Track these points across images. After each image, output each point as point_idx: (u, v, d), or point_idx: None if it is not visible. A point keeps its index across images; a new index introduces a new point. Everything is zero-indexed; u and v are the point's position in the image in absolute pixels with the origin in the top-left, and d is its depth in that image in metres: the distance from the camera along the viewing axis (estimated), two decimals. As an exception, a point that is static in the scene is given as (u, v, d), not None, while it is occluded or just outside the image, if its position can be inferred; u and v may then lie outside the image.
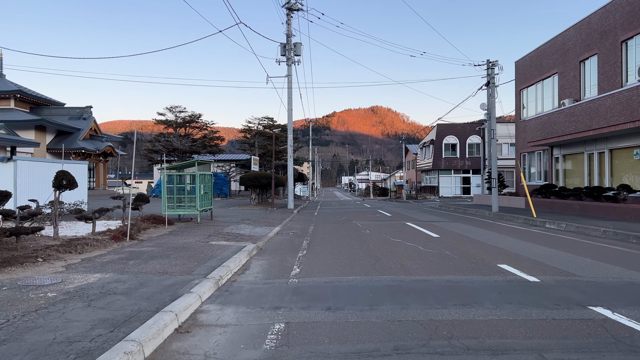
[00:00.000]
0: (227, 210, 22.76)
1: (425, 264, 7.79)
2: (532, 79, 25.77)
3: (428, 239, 11.38)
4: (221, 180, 43.63)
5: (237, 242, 10.29)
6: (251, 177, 25.89)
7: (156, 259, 7.76)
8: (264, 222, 15.90)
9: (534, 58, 25.69)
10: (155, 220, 13.66)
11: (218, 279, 6.40)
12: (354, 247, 10.11)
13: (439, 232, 13.15)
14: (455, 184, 45.06)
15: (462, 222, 16.94)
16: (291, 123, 25.75)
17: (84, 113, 47.59)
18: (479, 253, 9.04)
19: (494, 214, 20.10)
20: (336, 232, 13.49)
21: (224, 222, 15.26)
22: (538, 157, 25.52)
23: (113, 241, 9.79)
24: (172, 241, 10.22)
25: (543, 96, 24.82)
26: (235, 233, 12.29)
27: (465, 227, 14.83)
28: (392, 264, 7.89)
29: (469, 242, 10.90)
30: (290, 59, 25.63)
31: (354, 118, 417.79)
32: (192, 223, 14.57)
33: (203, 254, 8.47)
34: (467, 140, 44.41)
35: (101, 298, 5.18)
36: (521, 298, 5.48)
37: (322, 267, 7.62)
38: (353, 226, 15.25)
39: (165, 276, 6.43)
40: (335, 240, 11.32)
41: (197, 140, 41.71)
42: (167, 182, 14.45)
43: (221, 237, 11.31)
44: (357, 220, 17.64)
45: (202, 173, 14.79)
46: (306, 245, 10.46)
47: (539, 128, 22.09)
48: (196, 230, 12.67)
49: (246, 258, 8.53)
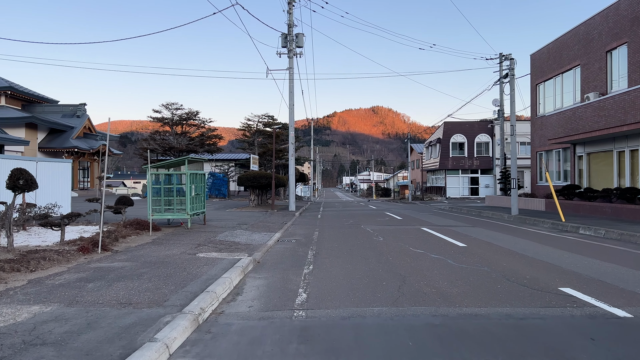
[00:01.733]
0: (224, 212, 21.10)
1: (466, 287, 6.13)
2: (550, 73, 24.09)
3: (454, 250, 9.72)
4: (219, 180, 41.98)
5: (231, 254, 8.63)
6: (250, 177, 24.24)
7: (124, 280, 6.11)
8: (263, 227, 14.25)
9: (552, 50, 24.02)
10: (139, 226, 12.01)
11: (198, 313, 4.74)
12: (369, 260, 8.45)
13: (463, 239, 11.48)
14: (463, 185, 43.33)
15: (482, 226, 15.29)
16: (292, 119, 24.09)
17: (77, 111, 45.94)
18: (525, 270, 7.38)
19: (514, 217, 18.43)
20: (345, 239, 11.84)
21: (218, 228, 13.60)
22: (557, 155, 23.84)
23: (80, 253, 8.13)
24: (153, 253, 8.56)
25: (563, 90, 23.15)
26: (230, 241, 10.63)
27: (489, 233, 13.17)
28: (423, 286, 6.23)
29: (503, 253, 9.24)
30: (292, 51, 23.98)
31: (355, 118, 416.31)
32: (182, 229, 12.91)
33: (186, 271, 6.81)
34: (476, 139, 42.69)
35: (16, 355, 3.52)
36: (632, 350, 3.82)
37: (335, 291, 5.97)
38: (363, 232, 13.59)
39: (127, 309, 4.77)
40: (345, 251, 9.66)
41: (195, 138, 40.06)
42: (153, 182, 12.79)
43: (212, 246, 9.65)
44: (365, 225, 15.98)
45: (193, 172, 13.13)
46: (312, 258, 8.81)
47: (562, 124, 20.43)
48: (184, 237, 11.01)
49: (239, 277, 6.87)
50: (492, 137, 41.73)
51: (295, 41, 23.91)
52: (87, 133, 46.69)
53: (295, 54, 24.18)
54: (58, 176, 16.46)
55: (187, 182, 12.66)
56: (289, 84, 23.99)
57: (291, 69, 23.98)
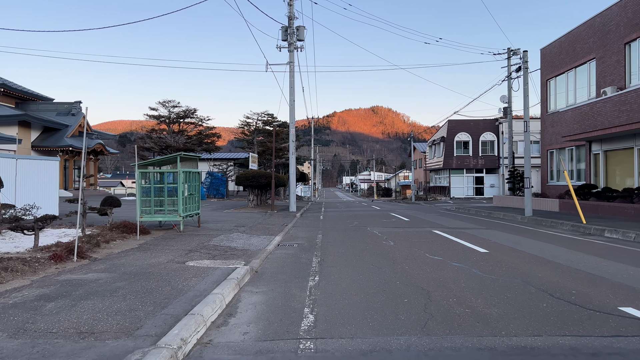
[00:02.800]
0: (221, 213, 20.06)
1: (506, 306, 5.09)
2: (562, 67, 23.06)
3: (476, 256, 8.68)
4: (218, 180, 40.94)
5: (225, 262, 7.59)
6: (249, 177, 23.18)
7: (93, 298, 5.07)
8: (262, 230, 13.21)
9: (564, 44, 22.98)
10: (127, 229, 10.98)
11: (178, 346, 3.70)
12: (383, 269, 7.41)
13: (482, 244, 10.44)
14: (468, 184, 42.26)
15: (497, 228, 14.25)
16: (293, 115, 23.05)
17: (72, 109, 44.85)
18: (567, 282, 6.34)
19: (528, 218, 17.40)
20: (352, 243, 10.80)
21: (214, 230, 12.56)
22: (569, 154, 22.81)
23: (52, 262, 7.08)
24: (136, 261, 7.52)
25: (576, 86, 22.12)
26: (225, 246, 9.59)
27: (507, 236, 12.13)
28: (453, 304, 5.19)
29: (532, 260, 8.20)
30: (293, 44, 22.94)
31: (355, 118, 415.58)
32: (174, 232, 11.87)
33: (170, 285, 5.77)
34: (481, 138, 41.61)
35: None
36: None
37: (348, 311, 4.93)
38: (370, 235, 12.55)
39: (86, 341, 3.73)
40: (354, 257, 8.62)
41: (193, 137, 39.01)
42: (142, 181, 11.75)
43: (205, 252, 8.61)
44: (371, 227, 14.95)
45: (186, 170, 12.09)
46: (317, 266, 7.77)
47: (577, 120, 19.40)
48: (175, 242, 9.97)
49: (234, 291, 5.83)
50: (498, 136, 40.71)
51: (296, 34, 22.86)
52: (82, 131, 45.55)
53: (296, 48, 23.14)
54: (43, 175, 15.40)
55: (179, 181, 11.61)
56: (290, 79, 22.96)
57: (292, 63, 22.93)
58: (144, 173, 11.83)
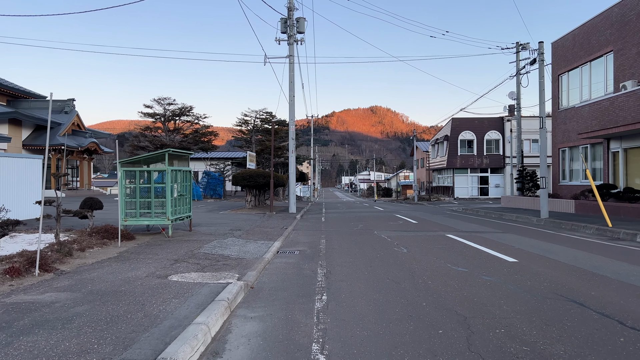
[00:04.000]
0: (216, 215, 18.90)
1: (571, 341, 3.95)
2: (575, 61, 21.93)
3: (506, 267, 7.54)
4: (215, 180, 39.78)
5: (215, 275, 6.44)
6: (246, 176, 22.02)
7: (39, 332, 3.91)
8: (260, 234, 12.05)
9: (578, 36, 21.86)
10: (109, 234, 9.82)
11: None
12: (402, 285, 6.27)
13: (506, 251, 9.31)
14: (472, 184, 41.11)
15: (515, 232, 13.11)
16: (293, 111, 21.89)
17: (65, 106, 43.59)
18: (633, 304, 5.19)
19: (544, 221, 16.26)
20: (359, 250, 9.65)
21: (207, 235, 11.40)
22: (583, 152, 21.68)
23: (7, 277, 5.93)
24: (109, 276, 6.36)
25: (591, 80, 20.99)
26: (217, 255, 8.44)
27: (531, 241, 10.99)
28: (503, 337, 4.05)
29: (573, 273, 7.06)
30: (292, 37, 21.78)
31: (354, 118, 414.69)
32: (161, 237, 10.71)
33: (142, 311, 4.61)
34: (485, 136, 40.47)
35: None
36: None
37: (369, 351, 3.78)
38: (378, 240, 11.40)
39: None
40: (365, 269, 7.47)
41: (188, 135, 37.87)
42: (126, 180, 10.58)
43: (193, 263, 7.46)
44: (378, 230, 13.80)
45: (176, 169, 10.93)
46: (324, 280, 6.62)
47: (596, 116, 18.26)
48: (161, 250, 8.81)
49: (223, 318, 4.68)
50: (503, 134, 39.59)
51: (296, 26, 21.70)
52: (75, 130, 44.36)
53: (296, 41, 21.98)
54: (22, 175, 14.25)
55: (168, 181, 10.45)
56: (289, 73, 21.80)
57: (291, 57, 21.78)
58: (128, 172, 10.67)
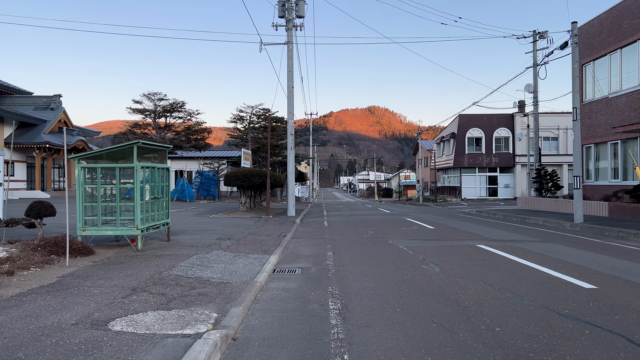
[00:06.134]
0: (205, 220, 16.78)
1: None
2: (603, 49, 19.91)
3: (586, 297, 5.46)
4: (209, 180, 37.64)
5: (183, 316, 4.34)
6: (239, 176, 19.89)
7: None
8: (253, 244, 9.95)
9: (606, 21, 19.83)
10: (59, 248, 7.71)
11: None
12: (459, 335, 4.17)
13: (567, 269, 7.23)
14: (480, 184, 39.04)
15: (557, 241, 11.04)
16: (292, 104, 19.78)
17: (51, 103, 41.38)
18: None
19: (580, 226, 14.21)
20: (378, 268, 7.56)
21: (187, 247, 9.30)
22: (612, 149, 19.66)
23: None
24: (19, 322, 4.24)
25: (621, 69, 18.96)
26: (194, 278, 6.34)
27: (587, 255, 8.92)
28: None
29: (692, 309, 4.98)
30: (291, 22, 19.69)
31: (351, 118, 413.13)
32: (129, 250, 8.60)
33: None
34: (494, 134, 38.41)
35: None
36: None
37: None
38: (396, 252, 9.32)
39: None
40: (395, 301, 5.38)
41: (180, 132, 35.73)
42: (83, 180, 8.47)
43: (157, 293, 5.36)
44: (393, 238, 11.71)
45: (147, 166, 8.83)
46: (340, 325, 4.53)
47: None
48: (119, 271, 6.70)
49: None
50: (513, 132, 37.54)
51: (295, 9, 19.61)
52: (62, 127, 42.12)
53: (295, 26, 19.89)
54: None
55: (137, 181, 8.35)
56: (288, 61, 19.70)
57: (290, 43, 19.68)
58: (88, 169, 8.56)
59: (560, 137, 38.34)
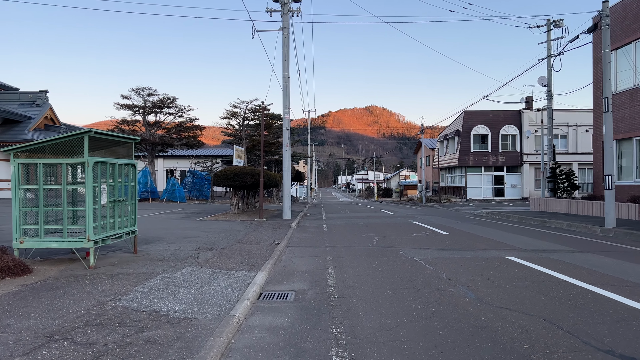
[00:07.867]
0: (190, 224, 15.04)
1: None
2: (628, 36, 18.24)
3: None
4: (201, 179, 35.87)
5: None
6: (230, 175, 18.14)
7: None
8: (239, 256, 8.23)
9: (630, 6, 18.17)
10: (-17, 266, 5.97)
11: None
12: None
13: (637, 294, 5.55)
14: (486, 184, 37.34)
15: (597, 251, 9.36)
16: (288, 96, 18.05)
17: (37, 99, 39.49)
18: None
19: (614, 232, 12.53)
20: (394, 293, 5.86)
21: (155, 261, 7.57)
22: (637, 145, 18.01)
23: None
24: None
25: (649, 58, 17.30)
26: (146, 312, 4.62)
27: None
28: None
29: None
30: (287, 5, 17.96)
31: (350, 118, 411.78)
32: (78, 267, 6.86)
33: None
34: (501, 131, 36.72)
35: None
36: None
37: None
38: (413, 267, 7.61)
39: None
40: (428, 357, 3.67)
41: (171, 129, 33.98)
42: (22, 180, 6.74)
43: (82, 344, 3.62)
44: (404, 248, 10.00)
45: (103, 161, 7.09)
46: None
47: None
48: (48, 303, 4.97)
49: None
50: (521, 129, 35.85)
51: (291, -8, 17.88)
52: (49, 125, 40.32)
53: (291, 11, 18.16)
54: None
55: (89, 180, 6.62)
56: (283, 49, 17.97)
57: (286, 30, 17.95)
58: (28, 165, 6.82)
59: (570, 135, 36.67)
